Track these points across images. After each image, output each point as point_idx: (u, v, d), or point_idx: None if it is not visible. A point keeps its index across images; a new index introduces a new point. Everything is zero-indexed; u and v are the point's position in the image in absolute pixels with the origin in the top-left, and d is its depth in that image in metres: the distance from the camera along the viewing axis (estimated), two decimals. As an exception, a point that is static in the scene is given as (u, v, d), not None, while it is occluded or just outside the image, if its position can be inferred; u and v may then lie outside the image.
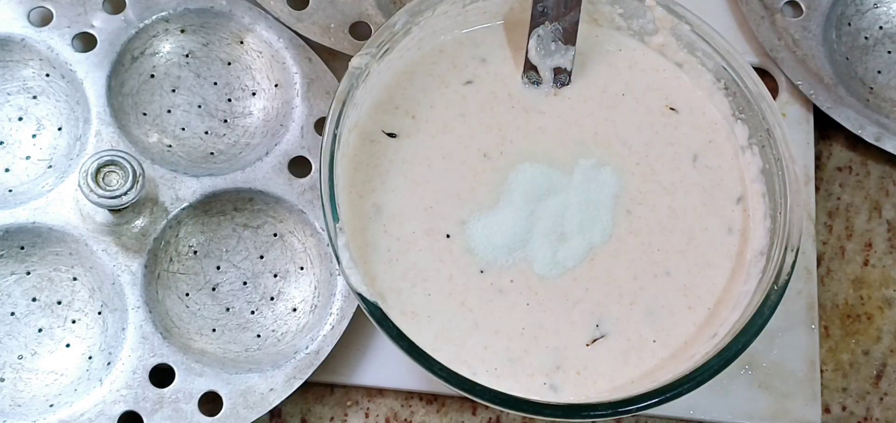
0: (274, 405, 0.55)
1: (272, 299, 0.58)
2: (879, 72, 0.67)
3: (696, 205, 0.56)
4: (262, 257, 0.59)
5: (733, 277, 0.55)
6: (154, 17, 0.61)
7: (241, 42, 0.62)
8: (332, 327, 0.56)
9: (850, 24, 0.67)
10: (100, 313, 0.56)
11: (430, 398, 0.59)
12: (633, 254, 0.55)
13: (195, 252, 0.58)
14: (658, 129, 0.58)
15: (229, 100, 0.62)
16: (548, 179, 0.56)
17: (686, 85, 0.59)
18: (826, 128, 0.65)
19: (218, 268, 0.58)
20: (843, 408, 0.61)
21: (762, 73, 0.65)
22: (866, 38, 0.68)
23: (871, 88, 0.66)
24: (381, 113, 0.56)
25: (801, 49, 0.65)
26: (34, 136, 0.59)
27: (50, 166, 0.59)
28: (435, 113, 0.57)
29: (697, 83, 0.59)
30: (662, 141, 0.58)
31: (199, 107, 0.61)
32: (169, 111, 0.61)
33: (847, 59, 0.67)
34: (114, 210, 0.55)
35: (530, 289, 0.54)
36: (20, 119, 0.59)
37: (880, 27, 0.68)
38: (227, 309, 0.58)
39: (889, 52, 0.67)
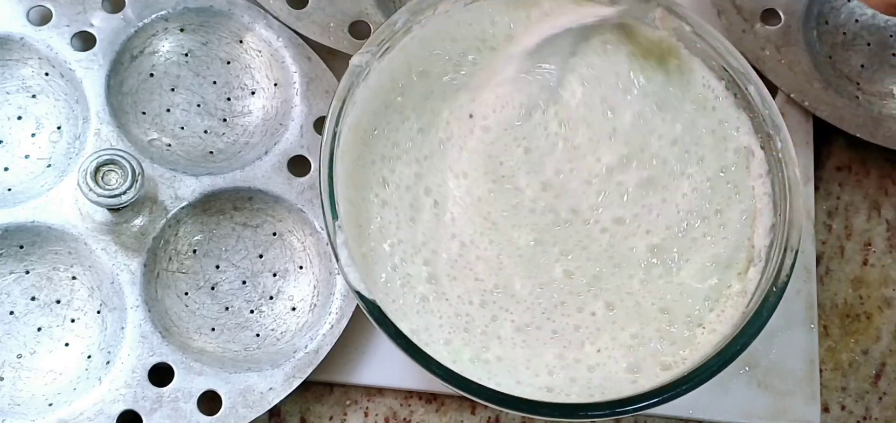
0: (273, 404, 0.55)
1: (271, 298, 0.58)
2: (863, 65, 0.67)
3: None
4: (261, 256, 0.59)
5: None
6: (153, 16, 0.61)
7: (241, 41, 0.62)
8: (332, 326, 0.56)
9: (827, 23, 0.67)
10: (99, 312, 0.56)
11: (429, 398, 0.59)
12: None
13: (194, 251, 0.58)
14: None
15: (228, 99, 0.62)
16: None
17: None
18: (825, 127, 0.65)
19: (217, 267, 0.58)
20: (842, 407, 0.61)
21: (760, 74, 0.65)
22: (844, 33, 0.68)
23: (859, 84, 0.66)
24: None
25: (786, 57, 0.65)
26: (33, 135, 0.59)
27: (49, 165, 0.58)
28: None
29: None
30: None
31: (199, 106, 0.61)
32: (168, 110, 0.61)
33: (830, 57, 0.67)
34: (113, 209, 0.55)
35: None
36: (19, 118, 0.59)
37: (856, 20, 0.68)
38: (227, 308, 0.58)
39: (868, 44, 0.67)
